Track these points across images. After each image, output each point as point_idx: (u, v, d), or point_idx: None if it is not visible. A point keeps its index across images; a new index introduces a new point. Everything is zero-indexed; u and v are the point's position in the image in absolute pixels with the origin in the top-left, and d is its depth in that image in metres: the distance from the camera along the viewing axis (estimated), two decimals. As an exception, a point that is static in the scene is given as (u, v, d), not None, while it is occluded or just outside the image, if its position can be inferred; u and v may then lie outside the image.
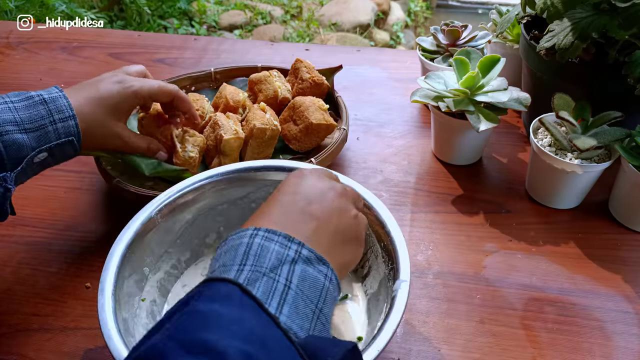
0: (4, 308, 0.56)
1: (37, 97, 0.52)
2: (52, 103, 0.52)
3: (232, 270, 0.34)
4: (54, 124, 0.52)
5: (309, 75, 0.76)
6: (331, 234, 0.39)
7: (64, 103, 0.53)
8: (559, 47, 0.61)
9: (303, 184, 0.41)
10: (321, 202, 0.40)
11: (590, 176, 0.63)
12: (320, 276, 0.35)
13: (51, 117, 0.52)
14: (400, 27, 3.05)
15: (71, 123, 0.53)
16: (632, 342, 0.52)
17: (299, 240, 0.36)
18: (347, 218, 0.41)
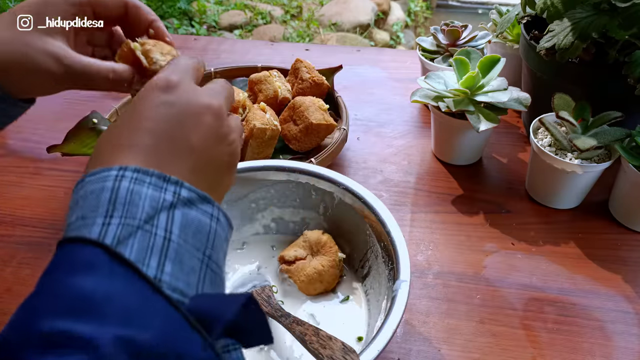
0: (4, 308, 0.56)
1: None
2: None
3: (96, 224, 0.26)
4: None
5: (309, 75, 0.76)
6: (211, 166, 0.33)
7: None
8: (559, 47, 0.61)
9: (175, 101, 0.32)
10: (198, 128, 0.32)
11: (590, 176, 0.63)
12: (206, 218, 0.30)
13: None
14: (400, 27, 3.05)
15: None
16: (632, 342, 0.52)
17: (176, 179, 0.29)
18: (226, 145, 0.34)
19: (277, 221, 0.59)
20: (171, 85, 0.33)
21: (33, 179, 0.73)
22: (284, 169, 0.55)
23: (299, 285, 0.54)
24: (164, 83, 0.33)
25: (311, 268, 0.53)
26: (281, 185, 0.57)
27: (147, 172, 0.29)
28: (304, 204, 0.58)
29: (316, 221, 0.58)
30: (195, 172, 0.32)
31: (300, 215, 0.59)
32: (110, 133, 0.32)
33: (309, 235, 0.56)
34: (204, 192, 0.30)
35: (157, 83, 0.33)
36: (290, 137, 0.72)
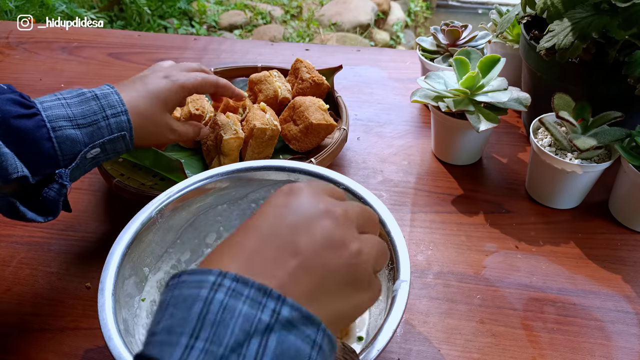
0: (4, 308, 0.56)
1: (89, 94, 0.52)
2: (104, 99, 0.52)
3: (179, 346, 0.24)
4: (107, 119, 0.51)
5: (309, 75, 0.76)
6: (320, 275, 0.29)
7: (116, 99, 0.53)
8: (559, 47, 0.61)
9: (291, 204, 0.31)
10: (310, 231, 0.30)
11: (590, 176, 0.63)
12: (306, 346, 0.26)
13: (103, 112, 0.51)
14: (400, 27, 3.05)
15: (123, 118, 0.52)
16: (632, 342, 0.52)
17: (277, 294, 0.26)
18: (344, 254, 0.30)
19: (277, 221, 0.59)
20: (294, 191, 0.32)
21: (33, 179, 0.73)
22: (284, 169, 0.55)
23: None
24: (288, 188, 0.33)
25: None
26: (281, 185, 0.57)
27: (247, 283, 0.26)
28: (304, 204, 0.57)
29: (316, 221, 0.58)
30: (295, 277, 0.28)
31: (300, 215, 0.58)
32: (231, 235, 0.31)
33: None
34: (309, 312, 0.27)
35: (282, 189, 0.33)
36: (290, 137, 0.72)
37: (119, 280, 0.46)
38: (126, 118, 0.53)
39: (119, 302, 0.45)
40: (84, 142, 0.50)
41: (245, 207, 0.58)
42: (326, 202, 0.32)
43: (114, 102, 0.52)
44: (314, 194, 0.32)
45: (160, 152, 0.64)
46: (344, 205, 0.33)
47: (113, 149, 0.53)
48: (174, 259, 0.55)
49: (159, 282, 0.53)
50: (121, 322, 0.43)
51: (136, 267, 0.50)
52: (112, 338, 0.40)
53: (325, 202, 0.32)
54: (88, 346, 0.52)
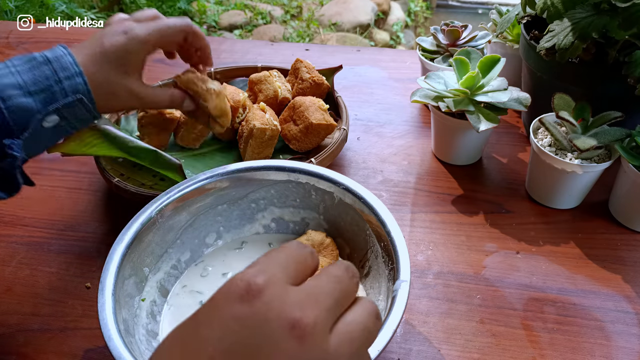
0: (4, 308, 0.56)
1: (40, 58, 0.48)
2: (56, 62, 0.48)
3: None
4: (60, 82, 0.47)
5: (309, 75, 0.76)
6: None
7: (69, 60, 0.48)
8: (559, 47, 0.61)
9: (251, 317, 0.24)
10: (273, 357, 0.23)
11: (590, 176, 0.63)
12: None
13: (56, 75, 0.47)
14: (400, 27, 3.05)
15: (78, 80, 0.48)
16: (632, 342, 0.52)
17: None
18: None
19: (277, 221, 0.59)
20: (252, 292, 0.24)
21: (33, 179, 0.72)
22: (284, 169, 0.55)
23: None
24: (244, 287, 0.24)
25: (311, 268, 0.53)
26: (281, 185, 0.57)
27: None
28: (304, 204, 0.58)
29: (316, 221, 0.58)
30: None
31: (300, 215, 0.59)
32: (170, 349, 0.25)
33: (313, 236, 0.56)
34: None
35: (237, 285, 0.25)
36: (290, 137, 0.72)
37: (119, 280, 0.46)
38: (82, 80, 0.48)
39: (119, 302, 0.45)
40: (38, 110, 0.46)
41: (245, 207, 0.58)
42: (295, 306, 0.24)
43: (67, 64, 0.48)
44: (278, 297, 0.24)
45: (160, 152, 0.64)
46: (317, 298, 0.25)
47: (74, 116, 0.49)
48: (174, 259, 0.55)
49: (159, 282, 0.53)
50: (121, 322, 0.43)
51: (136, 267, 0.50)
52: (112, 338, 0.40)
53: (294, 306, 0.24)
54: (88, 346, 0.52)
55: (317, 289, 0.26)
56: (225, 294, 0.25)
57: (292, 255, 0.27)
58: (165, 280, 0.54)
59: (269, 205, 0.58)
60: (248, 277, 0.25)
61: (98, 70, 0.50)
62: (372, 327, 0.26)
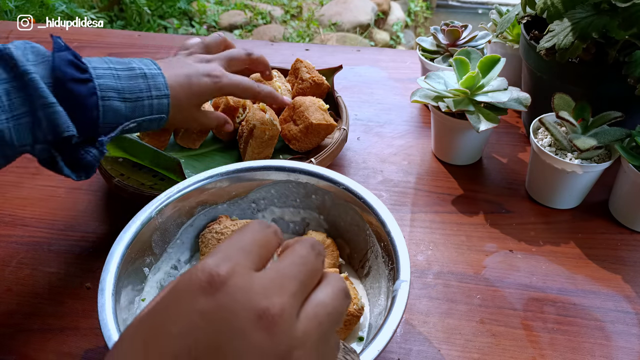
0: (4, 308, 0.56)
1: (139, 70, 0.54)
2: (152, 79, 0.54)
3: None
4: (151, 99, 0.54)
5: (309, 75, 0.76)
6: None
7: (162, 82, 0.55)
8: (559, 47, 0.61)
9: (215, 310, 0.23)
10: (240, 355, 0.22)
11: (590, 176, 0.63)
12: None
13: (149, 92, 0.54)
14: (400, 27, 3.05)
15: (165, 102, 0.55)
16: (632, 342, 0.52)
17: None
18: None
19: (277, 221, 0.59)
20: (215, 284, 0.23)
21: (33, 179, 0.73)
22: (284, 169, 0.55)
23: None
24: (206, 278, 0.23)
25: (311, 268, 0.53)
26: (281, 185, 0.57)
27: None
28: (304, 204, 0.58)
29: (316, 221, 0.58)
30: None
31: (300, 215, 0.59)
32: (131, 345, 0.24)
33: (313, 236, 0.56)
34: None
35: (198, 277, 0.23)
36: (290, 137, 0.72)
37: (119, 280, 0.46)
38: (167, 102, 0.55)
39: (119, 302, 0.45)
40: (126, 116, 0.53)
41: (245, 207, 0.58)
42: (259, 295, 0.23)
43: (160, 85, 0.55)
44: (242, 287, 0.23)
45: (160, 151, 0.64)
46: (284, 282, 0.24)
47: (147, 127, 0.56)
48: (174, 259, 0.55)
49: (159, 283, 0.53)
50: (121, 322, 0.43)
51: (136, 267, 0.50)
52: (112, 338, 0.40)
53: (259, 295, 0.23)
54: (88, 346, 0.52)
55: (282, 272, 0.25)
56: (187, 286, 0.23)
57: (255, 238, 0.26)
58: (165, 280, 0.54)
59: (269, 205, 0.58)
60: (210, 267, 0.23)
61: (181, 98, 0.57)
62: (340, 307, 0.26)
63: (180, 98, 0.57)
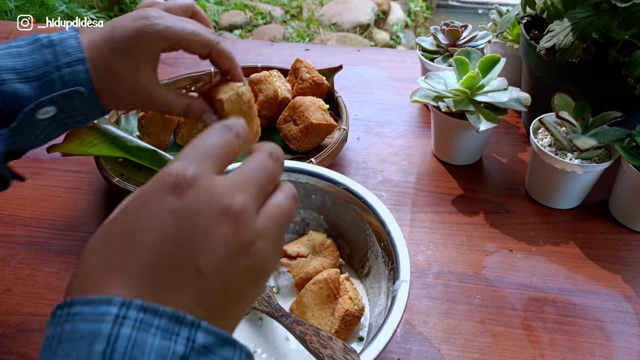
0: (4, 308, 0.56)
1: (45, 39, 0.43)
2: (59, 45, 0.42)
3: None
4: (59, 69, 0.42)
5: (309, 75, 0.76)
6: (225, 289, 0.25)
7: (73, 44, 0.42)
8: (559, 47, 0.61)
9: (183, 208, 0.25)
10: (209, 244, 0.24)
11: (590, 176, 0.63)
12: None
13: (57, 61, 0.42)
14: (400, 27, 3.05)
15: (80, 68, 0.42)
16: (632, 342, 0.52)
17: (191, 319, 0.23)
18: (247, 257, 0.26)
19: (277, 221, 0.59)
20: (181, 185, 0.25)
21: (33, 179, 0.73)
22: (284, 169, 0.55)
23: (297, 281, 0.54)
24: (174, 181, 0.25)
25: (311, 267, 0.53)
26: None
27: (157, 312, 0.23)
28: (304, 204, 0.58)
29: (316, 221, 0.58)
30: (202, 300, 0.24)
31: (300, 216, 0.59)
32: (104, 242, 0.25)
33: (314, 236, 0.56)
34: (225, 332, 0.24)
35: (166, 180, 0.25)
36: (290, 137, 0.72)
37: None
38: (84, 68, 0.42)
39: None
40: (31, 98, 0.41)
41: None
42: (223, 194, 0.25)
43: (70, 49, 0.42)
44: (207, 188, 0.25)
45: (159, 151, 0.64)
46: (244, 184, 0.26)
47: (74, 108, 0.43)
48: (174, 259, 0.55)
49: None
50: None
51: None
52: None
53: (222, 194, 0.25)
54: (88, 346, 0.52)
55: (243, 176, 0.27)
56: (156, 188, 0.25)
57: (217, 143, 0.27)
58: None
59: (269, 205, 0.58)
60: (176, 170, 0.25)
61: (104, 57, 0.43)
62: (292, 209, 0.29)
63: (99, 59, 0.43)
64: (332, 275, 0.50)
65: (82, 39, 0.43)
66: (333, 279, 0.50)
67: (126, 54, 0.43)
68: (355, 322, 0.49)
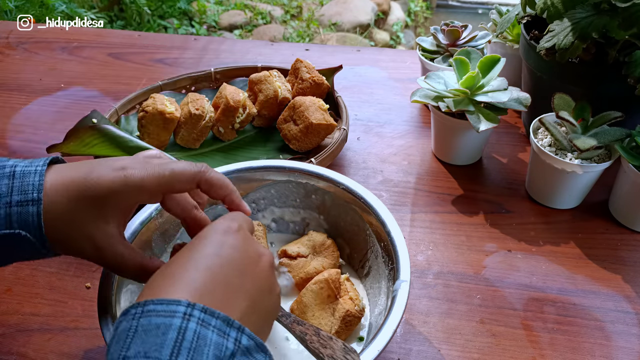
0: (4, 308, 0.56)
1: (9, 169, 0.38)
2: (19, 179, 0.38)
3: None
4: (9, 206, 0.37)
5: (309, 75, 0.76)
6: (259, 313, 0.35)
7: (34, 181, 0.37)
8: (559, 47, 0.61)
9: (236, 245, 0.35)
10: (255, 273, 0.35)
11: (590, 176, 0.63)
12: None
13: (8, 197, 0.37)
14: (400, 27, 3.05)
15: (30, 210, 0.37)
16: (632, 342, 0.52)
17: (238, 324, 0.30)
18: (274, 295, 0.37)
19: (277, 221, 0.59)
20: (231, 231, 0.36)
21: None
22: (284, 169, 0.55)
23: (297, 281, 0.54)
24: (225, 228, 0.36)
25: (312, 267, 0.53)
26: (281, 185, 0.57)
27: (214, 314, 0.30)
28: (304, 204, 0.58)
29: (316, 221, 0.58)
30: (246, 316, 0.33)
31: (301, 215, 0.59)
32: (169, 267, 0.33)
33: (314, 236, 0.56)
34: (261, 340, 0.31)
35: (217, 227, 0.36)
36: (290, 137, 0.72)
37: (119, 281, 0.46)
38: (35, 210, 0.37)
39: (119, 303, 0.45)
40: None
41: (245, 207, 0.58)
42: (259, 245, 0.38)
43: (28, 187, 0.37)
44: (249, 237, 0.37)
45: None
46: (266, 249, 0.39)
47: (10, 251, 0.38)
48: (174, 259, 0.55)
49: (159, 282, 0.53)
50: (121, 322, 0.43)
51: (136, 267, 0.50)
52: (112, 338, 0.40)
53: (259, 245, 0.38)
54: (88, 346, 0.52)
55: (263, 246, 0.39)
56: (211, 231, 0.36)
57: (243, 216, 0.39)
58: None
59: (269, 205, 0.58)
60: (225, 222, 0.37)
61: (66, 203, 0.38)
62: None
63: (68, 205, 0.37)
64: (333, 276, 0.50)
65: (47, 177, 0.38)
66: (334, 279, 0.50)
67: (96, 203, 0.38)
68: (356, 322, 0.49)
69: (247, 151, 0.74)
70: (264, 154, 0.74)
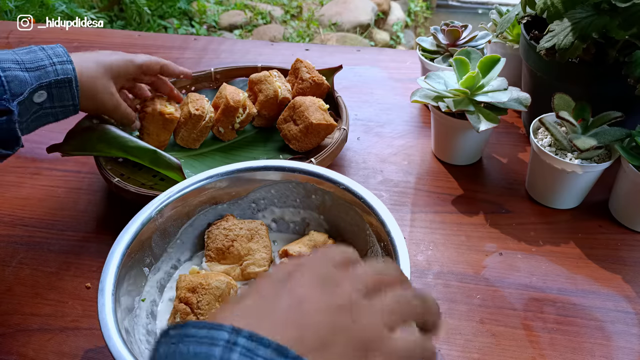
0: (4, 308, 0.56)
1: (38, 47, 0.57)
2: (50, 50, 0.57)
3: None
4: (53, 65, 0.56)
5: (309, 75, 0.76)
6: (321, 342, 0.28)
7: (62, 51, 0.57)
8: (559, 47, 0.61)
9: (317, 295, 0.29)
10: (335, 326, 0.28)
11: (590, 176, 0.63)
12: None
13: (50, 59, 0.56)
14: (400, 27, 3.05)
15: (69, 66, 0.57)
16: (632, 342, 0.52)
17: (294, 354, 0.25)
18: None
19: (278, 221, 0.59)
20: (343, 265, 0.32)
21: (33, 179, 0.73)
22: (284, 169, 0.55)
23: None
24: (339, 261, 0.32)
25: (311, 268, 0.53)
26: (281, 185, 0.57)
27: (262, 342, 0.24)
28: (304, 204, 0.58)
29: (316, 221, 0.58)
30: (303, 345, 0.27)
31: (301, 215, 0.59)
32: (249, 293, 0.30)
33: (315, 236, 0.56)
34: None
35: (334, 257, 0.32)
36: (290, 137, 0.72)
37: (119, 280, 0.46)
38: (72, 67, 0.57)
39: (119, 302, 0.45)
40: (31, 83, 0.54)
41: (246, 207, 0.58)
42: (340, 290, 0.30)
43: (60, 53, 0.57)
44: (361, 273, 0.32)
45: (159, 151, 0.64)
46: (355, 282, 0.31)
47: (59, 97, 0.57)
48: (174, 259, 0.55)
49: (159, 282, 0.53)
50: (121, 322, 0.43)
51: (136, 267, 0.50)
52: (112, 338, 0.40)
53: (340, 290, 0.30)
54: (88, 346, 0.52)
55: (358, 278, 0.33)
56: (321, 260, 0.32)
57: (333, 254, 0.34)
58: (165, 280, 0.54)
59: (269, 205, 0.58)
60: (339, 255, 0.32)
61: (90, 68, 0.59)
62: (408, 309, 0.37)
63: (88, 69, 0.59)
64: None
65: (72, 55, 0.58)
66: None
67: (107, 68, 0.61)
68: None
69: (247, 151, 0.74)
70: (264, 154, 0.74)
